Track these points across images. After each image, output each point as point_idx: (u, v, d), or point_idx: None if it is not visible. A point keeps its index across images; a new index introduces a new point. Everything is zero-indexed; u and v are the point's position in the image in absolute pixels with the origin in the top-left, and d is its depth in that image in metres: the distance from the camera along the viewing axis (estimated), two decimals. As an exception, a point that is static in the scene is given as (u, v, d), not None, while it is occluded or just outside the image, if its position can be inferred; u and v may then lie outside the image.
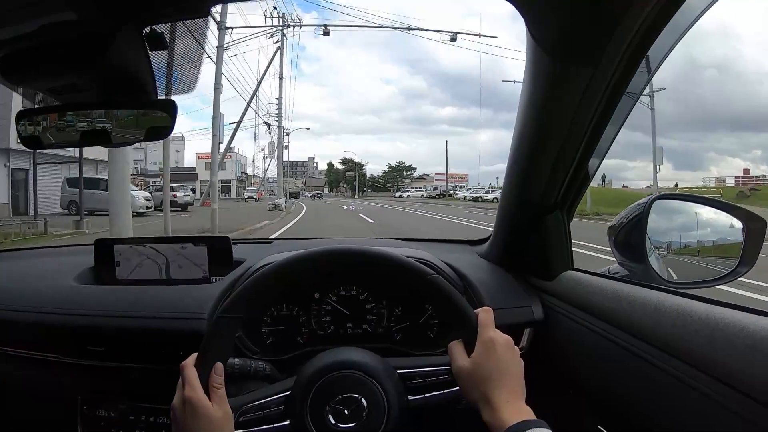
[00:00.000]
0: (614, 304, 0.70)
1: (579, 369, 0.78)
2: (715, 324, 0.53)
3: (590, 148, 0.76)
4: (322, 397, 0.63)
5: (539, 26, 0.63)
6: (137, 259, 0.98)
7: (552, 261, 0.88)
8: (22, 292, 0.95)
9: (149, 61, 0.68)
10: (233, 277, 0.94)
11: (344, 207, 23.81)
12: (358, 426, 0.62)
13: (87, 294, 0.94)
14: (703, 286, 0.76)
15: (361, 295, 0.95)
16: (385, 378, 0.64)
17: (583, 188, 0.83)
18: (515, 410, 0.56)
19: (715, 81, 71.46)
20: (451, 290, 0.65)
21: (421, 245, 1.14)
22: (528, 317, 0.87)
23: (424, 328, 0.94)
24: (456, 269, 0.96)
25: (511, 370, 0.60)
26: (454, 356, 0.62)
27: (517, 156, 0.82)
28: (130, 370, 0.88)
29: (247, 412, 0.62)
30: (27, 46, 0.65)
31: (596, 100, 0.68)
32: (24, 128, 0.72)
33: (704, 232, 0.81)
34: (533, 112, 0.75)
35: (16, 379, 0.95)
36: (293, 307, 0.93)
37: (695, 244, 0.81)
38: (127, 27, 0.64)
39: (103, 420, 0.91)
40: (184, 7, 0.66)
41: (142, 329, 0.87)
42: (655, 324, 0.61)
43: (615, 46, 0.61)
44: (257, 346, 0.90)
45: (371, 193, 65.50)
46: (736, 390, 0.47)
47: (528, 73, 0.71)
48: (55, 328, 0.89)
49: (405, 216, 16.92)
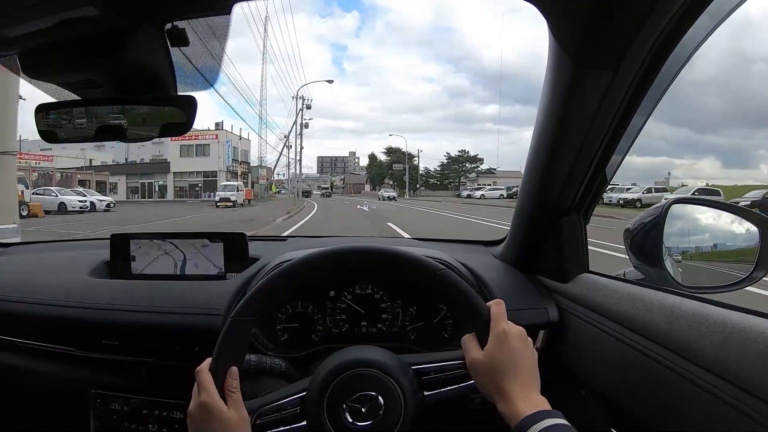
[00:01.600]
0: (629, 306, 0.70)
1: (592, 371, 0.79)
2: (731, 328, 0.53)
3: (609, 151, 0.75)
4: (339, 395, 0.63)
5: (561, 28, 0.63)
6: (153, 254, 0.99)
7: (567, 263, 0.88)
8: (36, 285, 0.96)
9: (169, 57, 0.68)
10: (249, 274, 0.95)
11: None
12: (375, 424, 0.62)
13: (102, 288, 0.94)
14: (719, 291, 0.76)
15: (376, 294, 0.95)
16: (400, 375, 0.64)
17: (601, 191, 0.82)
18: (530, 401, 0.56)
19: (765, 75, 66.09)
20: (462, 284, 0.65)
21: (437, 245, 1.15)
22: (543, 318, 0.87)
23: (438, 328, 0.94)
24: (471, 269, 0.96)
25: (525, 362, 0.60)
26: (468, 349, 0.62)
27: (535, 158, 0.82)
28: (143, 364, 0.89)
29: (264, 415, 0.62)
30: (47, 42, 0.65)
31: (616, 103, 0.68)
32: (42, 122, 0.72)
33: (720, 236, 0.80)
34: (553, 113, 0.74)
35: (30, 372, 0.95)
36: (308, 305, 0.93)
37: (711, 249, 0.81)
38: (147, 23, 0.64)
39: (116, 414, 0.92)
40: (205, 4, 0.65)
41: (156, 324, 0.87)
42: (670, 327, 0.61)
43: (637, 49, 0.61)
44: (272, 343, 0.90)
45: (425, 193, 50.84)
46: (751, 394, 0.48)
47: (549, 74, 0.71)
48: (70, 322, 0.89)
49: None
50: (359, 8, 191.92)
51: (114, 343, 0.87)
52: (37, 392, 0.97)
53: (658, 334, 0.62)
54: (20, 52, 0.67)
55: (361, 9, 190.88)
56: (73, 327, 0.89)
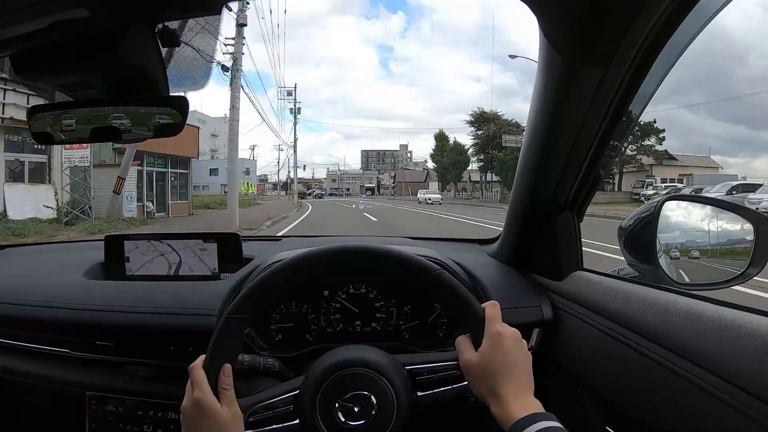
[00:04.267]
0: (624, 304, 0.70)
1: (587, 369, 0.78)
2: (725, 325, 0.53)
3: (602, 148, 0.75)
4: (332, 394, 0.63)
5: (552, 26, 0.63)
6: (147, 255, 0.99)
7: (562, 261, 0.88)
8: (30, 287, 0.96)
9: (161, 57, 0.68)
10: (243, 274, 0.95)
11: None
12: (368, 423, 0.62)
13: (96, 289, 0.94)
14: (714, 287, 0.76)
15: (370, 294, 0.95)
16: (394, 375, 0.64)
17: (594, 188, 0.82)
18: (523, 403, 0.56)
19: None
20: (457, 285, 0.65)
21: (431, 244, 1.15)
22: (537, 317, 0.87)
23: (432, 327, 0.94)
24: (465, 268, 0.96)
25: (519, 364, 0.60)
26: (462, 350, 0.62)
27: (529, 155, 0.82)
28: (138, 365, 0.89)
29: (257, 412, 0.62)
30: (39, 43, 0.65)
31: (608, 100, 0.68)
32: (36, 124, 0.72)
33: (715, 233, 0.80)
34: (544, 111, 0.74)
35: (25, 374, 0.95)
36: (302, 305, 0.93)
37: (705, 246, 0.81)
38: (138, 24, 0.64)
39: (111, 415, 0.91)
40: (196, 4, 0.66)
41: (150, 325, 0.87)
42: (665, 325, 0.61)
43: (628, 45, 0.61)
44: (266, 343, 0.90)
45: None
46: (745, 391, 0.48)
47: (540, 72, 0.71)
48: (64, 323, 0.89)
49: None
50: (405, 9, 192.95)
51: (109, 345, 0.87)
52: (32, 394, 0.97)
53: (653, 332, 0.62)
54: (12, 55, 0.67)
55: (406, 10, 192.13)
56: (68, 328, 0.89)
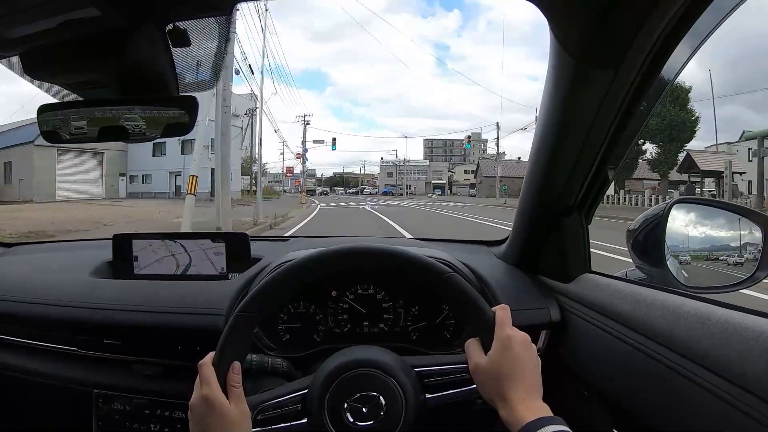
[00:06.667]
0: (632, 307, 0.70)
1: (595, 371, 0.78)
2: (733, 328, 0.53)
3: (611, 150, 0.75)
4: (340, 395, 0.63)
5: (562, 28, 0.63)
6: (155, 254, 0.99)
7: (570, 263, 0.88)
8: (38, 285, 0.96)
9: (171, 57, 0.68)
10: (251, 274, 0.95)
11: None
12: (376, 424, 0.62)
13: (104, 287, 0.94)
14: (722, 291, 0.76)
15: (378, 294, 0.95)
16: (402, 376, 0.64)
17: (603, 191, 0.82)
18: (532, 407, 0.56)
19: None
20: (467, 288, 0.65)
21: (439, 245, 1.14)
22: (545, 319, 0.87)
23: (440, 328, 0.94)
24: (473, 269, 0.96)
25: (528, 368, 0.60)
26: (471, 354, 0.62)
27: (538, 157, 0.82)
28: (145, 364, 0.89)
29: (265, 411, 0.62)
30: (49, 43, 0.65)
31: (618, 102, 0.68)
32: (45, 123, 0.72)
33: (723, 236, 0.80)
34: (554, 113, 0.74)
35: (32, 372, 0.95)
36: (310, 305, 0.93)
37: (713, 249, 0.81)
38: (148, 23, 0.64)
39: (119, 414, 0.91)
40: (206, 5, 0.66)
41: (158, 324, 0.87)
42: (673, 327, 0.61)
43: (638, 47, 0.60)
44: (274, 343, 0.90)
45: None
46: (753, 394, 0.48)
47: (550, 74, 0.70)
48: (72, 322, 0.90)
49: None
50: (460, 7, 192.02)
51: (116, 343, 0.88)
52: (39, 392, 0.97)
53: (661, 335, 0.62)
54: (23, 54, 0.67)
55: (462, 8, 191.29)
56: (75, 327, 0.90)
